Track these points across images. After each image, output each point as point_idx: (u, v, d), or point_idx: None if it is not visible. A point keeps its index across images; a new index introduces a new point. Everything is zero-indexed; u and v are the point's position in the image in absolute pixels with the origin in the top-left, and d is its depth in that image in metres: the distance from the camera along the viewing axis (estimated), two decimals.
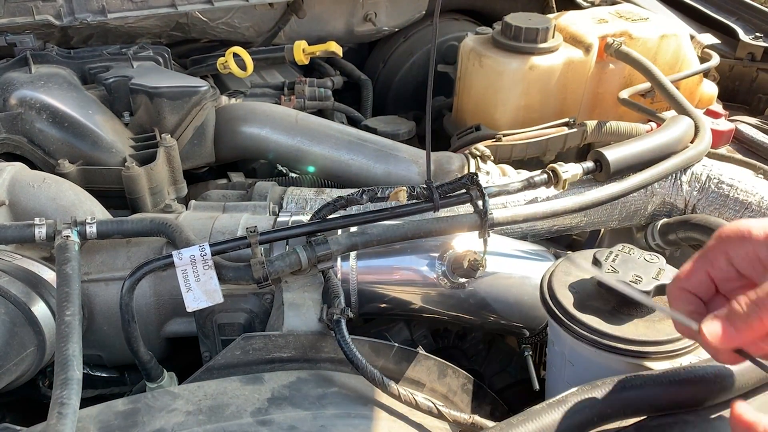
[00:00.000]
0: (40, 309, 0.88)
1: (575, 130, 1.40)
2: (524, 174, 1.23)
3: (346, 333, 0.84)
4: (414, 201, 0.97)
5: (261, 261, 0.86)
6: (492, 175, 1.26)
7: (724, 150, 1.43)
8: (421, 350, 0.99)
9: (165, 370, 0.92)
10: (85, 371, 1.07)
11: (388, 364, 0.93)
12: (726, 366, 0.67)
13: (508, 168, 1.30)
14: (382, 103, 1.91)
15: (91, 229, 0.93)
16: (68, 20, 1.34)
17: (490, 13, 2.04)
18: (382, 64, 1.95)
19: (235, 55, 1.35)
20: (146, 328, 0.99)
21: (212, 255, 0.85)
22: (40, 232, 0.91)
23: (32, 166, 1.16)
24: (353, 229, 0.95)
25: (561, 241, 1.37)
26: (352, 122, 1.58)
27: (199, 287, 0.84)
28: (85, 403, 1.07)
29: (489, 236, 0.98)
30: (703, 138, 1.19)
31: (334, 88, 1.67)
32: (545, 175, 1.11)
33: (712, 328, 0.57)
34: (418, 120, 1.72)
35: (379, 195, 0.90)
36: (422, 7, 1.85)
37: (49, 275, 0.93)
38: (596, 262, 0.89)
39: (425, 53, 1.89)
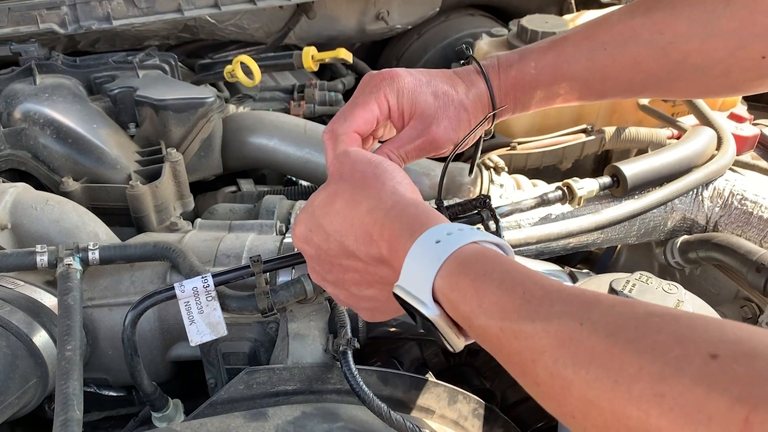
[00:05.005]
0: (42, 339, 0.87)
1: (593, 137, 1.35)
2: (538, 189, 1.19)
3: (352, 365, 0.82)
4: None
5: (266, 291, 0.84)
6: (506, 187, 1.22)
7: (747, 156, 1.37)
8: (430, 376, 0.97)
9: (170, 399, 0.91)
10: (92, 390, 1.06)
11: (397, 393, 0.91)
12: None
13: (522, 179, 1.26)
14: None
15: (94, 255, 0.91)
16: (73, 28, 1.31)
17: (507, 9, 1.98)
18: (395, 62, 1.91)
19: (243, 63, 1.31)
20: (151, 352, 0.98)
21: (216, 285, 0.83)
22: (42, 260, 0.89)
23: (37, 182, 1.15)
24: None
25: (576, 256, 1.33)
26: None
27: (203, 319, 0.82)
28: (92, 425, 1.08)
29: None
30: (726, 151, 1.15)
31: (345, 90, 1.64)
32: (560, 192, 1.07)
33: None
34: None
35: None
36: (436, 3, 1.80)
37: (51, 302, 0.92)
38: (612, 293, 0.86)
39: (440, 50, 1.84)
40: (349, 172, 0.66)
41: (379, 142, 0.81)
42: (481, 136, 0.85)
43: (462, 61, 0.82)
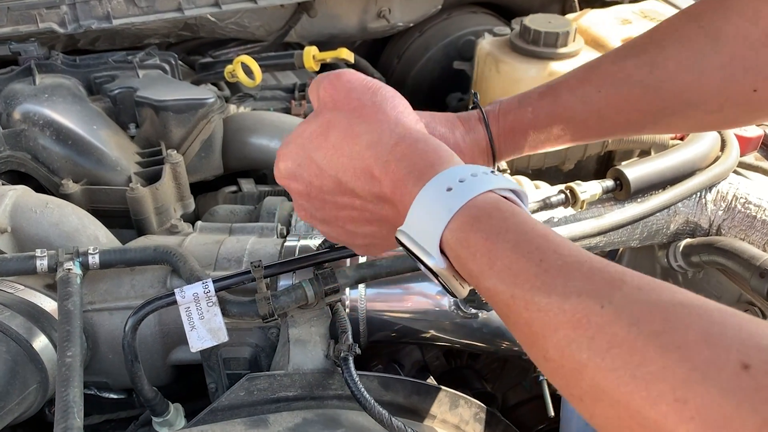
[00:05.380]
0: (42, 344, 0.86)
1: None
2: (541, 192, 1.18)
3: (353, 371, 0.82)
4: None
5: (266, 296, 0.83)
6: None
7: (751, 158, 1.37)
8: (432, 381, 0.96)
9: (170, 403, 0.91)
10: (92, 392, 1.06)
11: (398, 398, 0.91)
12: None
13: (524, 180, 1.25)
14: None
15: (94, 260, 0.91)
16: (73, 27, 1.30)
17: (509, 6, 1.97)
18: (396, 60, 1.90)
19: (244, 63, 1.31)
20: (152, 356, 0.98)
21: (216, 291, 0.83)
22: (42, 264, 0.89)
23: (37, 183, 1.14)
24: (362, 259, 0.93)
25: None
26: None
27: (203, 325, 0.82)
28: (93, 428, 1.08)
29: None
30: (729, 154, 1.14)
31: None
32: (562, 195, 1.06)
33: None
34: None
35: None
36: (438, 1, 1.79)
37: (51, 306, 0.92)
38: None
39: (441, 48, 1.83)
40: (345, 99, 0.61)
41: None
42: None
43: (471, 107, 0.84)
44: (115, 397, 1.09)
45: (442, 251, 0.51)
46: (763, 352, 0.33)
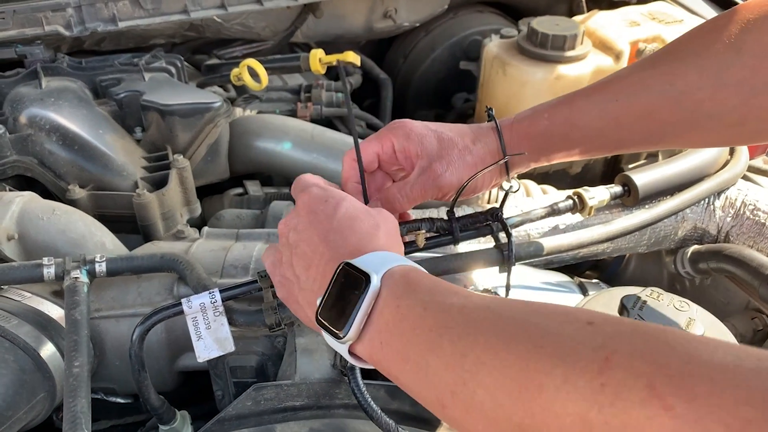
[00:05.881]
0: (49, 352, 0.87)
1: None
2: (548, 198, 1.18)
3: (360, 381, 0.82)
4: (433, 235, 0.93)
5: (273, 306, 0.83)
6: (515, 194, 1.21)
7: (759, 161, 1.36)
8: None
9: (177, 411, 0.91)
10: (99, 397, 1.06)
11: (404, 407, 0.91)
12: None
13: (532, 185, 1.25)
14: (402, 100, 1.85)
15: (101, 268, 0.91)
16: (78, 30, 1.30)
17: (516, 6, 1.96)
18: (402, 59, 1.89)
19: (250, 67, 1.30)
20: (159, 363, 0.98)
21: (223, 300, 0.83)
22: (49, 272, 0.89)
23: (43, 188, 1.14)
24: None
25: (585, 263, 1.32)
26: (372, 129, 1.54)
27: (210, 335, 0.82)
28: None
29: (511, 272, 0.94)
30: (738, 159, 1.13)
31: (352, 89, 1.63)
32: (570, 201, 1.06)
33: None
34: (440, 119, 1.67)
35: None
36: (445, 1, 1.77)
37: (58, 313, 0.92)
38: (623, 310, 0.85)
39: (448, 48, 1.82)
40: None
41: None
42: (507, 191, 0.86)
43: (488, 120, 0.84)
44: (122, 401, 1.09)
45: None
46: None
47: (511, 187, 0.85)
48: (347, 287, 0.57)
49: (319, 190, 0.69)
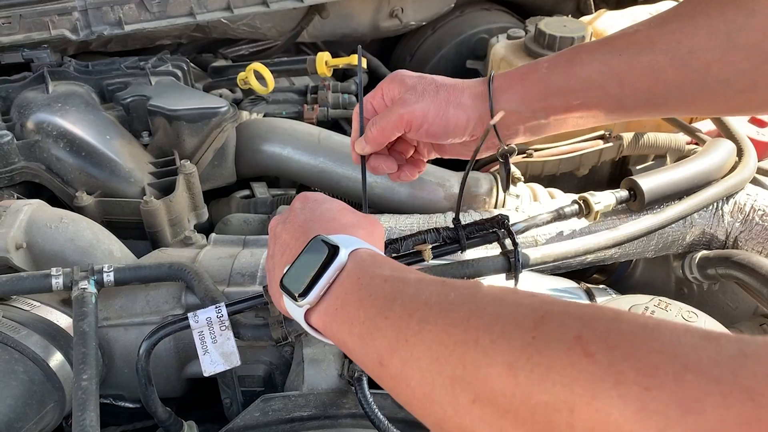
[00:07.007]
0: (58, 363, 0.87)
1: (611, 144, 1.33)
2: (555, 202, 1.17)
3: (367, 391, 0.82)
4: (439, 244, 0.93)
5: (279, 320, 0.84)
6: (522, 198, 1.21)
7: None
8: None
9: (184, 422, 0.91)
10: (108, 401, 1.07)
11: (411, 416, 0.91)
12: None
13: (538, 189, 1.24)
14: None
15: (109, 278, 0.91)
16: (85, 34, 1.30)
17: (523, 4, 1.94)
18: (408, 58, 1.88)
19: (256, 71, 1.30)
20: (167, 370, 0.98)
21: (229, 315, 0.83)
22: (57, 283, 0.90)
23: (51, 194, 1.15)
24: None
25: (592, 268, 1.31)
26: None
27: (216, 349, 0.82)
28: None
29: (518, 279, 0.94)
30: (747, 164, 1.12)
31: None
32: (576, 206, 1.05)
33: (358, 142, 0.87)
34: None
35: (402, 251, 0.86)
36: None
37: (66, 323, 0.92)
38: None
39: (454, 46, 1.81)
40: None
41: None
42: (507, 155, 0.85)
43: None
44: (131, 406, 1.10)
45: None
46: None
47: (510, 147, 0.84)
48: (314, 255, 0.59)
49: (315, 194, 0.74)
